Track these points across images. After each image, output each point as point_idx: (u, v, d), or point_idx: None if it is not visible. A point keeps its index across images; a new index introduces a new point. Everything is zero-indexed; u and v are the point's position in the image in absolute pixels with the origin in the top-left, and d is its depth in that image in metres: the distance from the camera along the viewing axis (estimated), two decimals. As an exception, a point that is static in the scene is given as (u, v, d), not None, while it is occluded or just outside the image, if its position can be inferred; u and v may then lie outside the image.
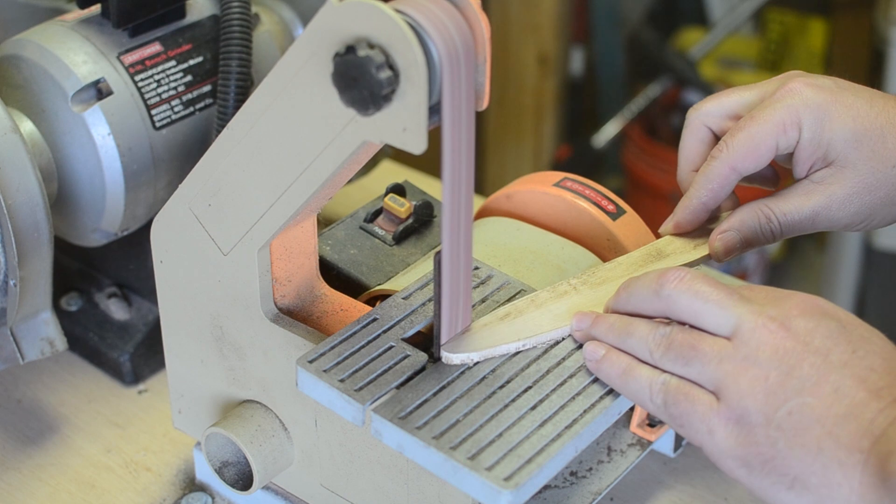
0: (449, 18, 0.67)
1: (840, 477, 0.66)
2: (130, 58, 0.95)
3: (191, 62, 0.98)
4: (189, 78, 0.98)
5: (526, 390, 0.74)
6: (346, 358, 0.75)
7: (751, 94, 0.85)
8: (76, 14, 0.97)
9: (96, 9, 0.96)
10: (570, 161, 2.41)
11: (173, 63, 0.97)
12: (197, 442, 0.92)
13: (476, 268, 0.83)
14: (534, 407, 0.73)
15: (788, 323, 0.69)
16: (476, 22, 0.68)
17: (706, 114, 0.85)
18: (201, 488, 0.94)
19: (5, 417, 1.01)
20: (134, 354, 1.04)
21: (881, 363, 0.68)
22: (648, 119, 2.47)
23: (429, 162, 0.90)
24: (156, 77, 0.96)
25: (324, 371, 0.74)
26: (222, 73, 0.96)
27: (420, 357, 0.76)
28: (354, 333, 0.77)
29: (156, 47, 0.97)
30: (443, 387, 0.74)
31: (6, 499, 0.93)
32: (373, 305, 0.83)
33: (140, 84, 0.95)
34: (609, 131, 2.45)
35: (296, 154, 0.73)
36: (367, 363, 0.75)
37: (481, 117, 2.34)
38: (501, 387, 0.74)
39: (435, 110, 0.67)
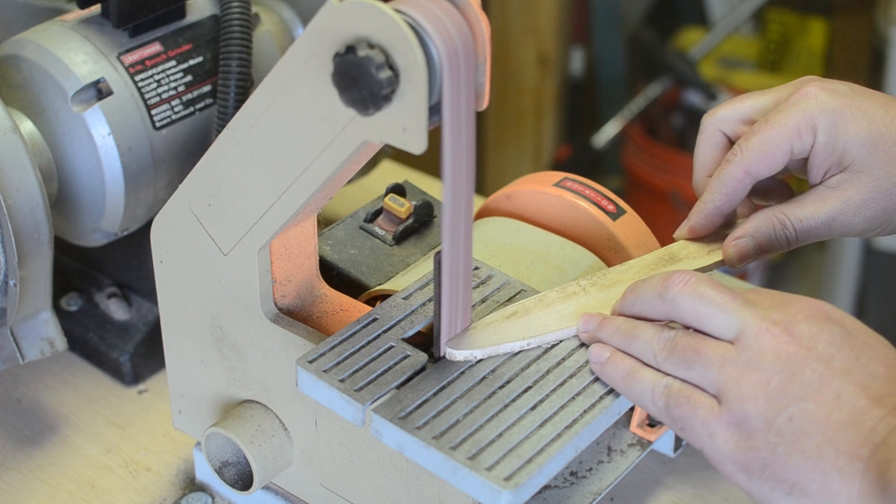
0: (449, 18, 0.66)
1: (839, 484, 0.66)
2: (130, 58, 0.95)
3: (191, 62, 0.98)
4: (189, 78, 0.98)
5: (526, 390, 0.74)
6: (346, 358, 0.75)
7: (766, 99, 0.84)
8: (76, 14, 0.97)
9: (96, 9, 0.96)
10: (570, 161, 2.41)
11: (173, 63, 0.97)
12: (197, 442, 0.92)
13: (476, 268, 0.83)
14: (534, 407, 0.73)
15: (792, 328, 0.69)
16: (476, 22, 0.68)
17: (721, 119, 0.85)
18: (201, 488, 0.94)
19: (5, 417, 1.01)
20: (134, 354, 1.04)
21: (884, 371, 0.68)
22: (648, 119, 2.47)
23: (429, 162, 0.90)
24: (156, 77, 0.96)
25: (324, 371, 0.74)
26: (222, 73, 0.96)
27: (420, 357, 0.76)
28: (354, 333, 0.77)
29: (156, 47, 0.97)
30: (443, 387, 0.74)
31: (6, 499, 0.93)
32: (373, 305, 0.83)
33: (140, 84, 0.95)
34: (609, 131, 2.45)
35: (296, 154, 0.73)
36: (367, 363, 0.75)
37: (481, 117, 2.33)
38: (501, 387, 0.74)
39: (435, 110, 0.67)
